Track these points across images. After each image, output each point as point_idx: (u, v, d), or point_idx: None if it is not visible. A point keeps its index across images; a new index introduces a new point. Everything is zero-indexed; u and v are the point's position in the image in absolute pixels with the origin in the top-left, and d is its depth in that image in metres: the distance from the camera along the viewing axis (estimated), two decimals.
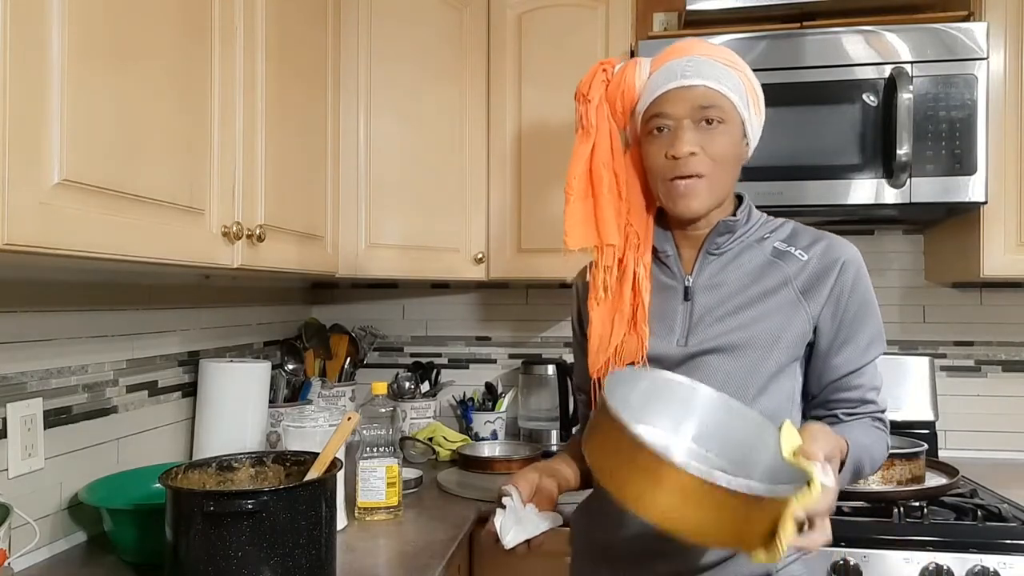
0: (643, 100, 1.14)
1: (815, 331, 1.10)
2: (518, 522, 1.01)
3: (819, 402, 1.15)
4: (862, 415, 1.12)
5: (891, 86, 1.71)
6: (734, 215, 1.14)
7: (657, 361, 1.11)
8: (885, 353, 1.14)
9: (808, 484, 0.81)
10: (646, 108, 1.13)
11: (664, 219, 1.18)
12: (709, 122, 1.08)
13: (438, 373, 2.36)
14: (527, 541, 1.02)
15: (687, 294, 1.14)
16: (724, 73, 1.09)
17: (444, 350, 2.40)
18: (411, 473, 1.83)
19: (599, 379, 1.13)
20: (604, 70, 1.18)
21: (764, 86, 1.18)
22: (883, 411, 1.14)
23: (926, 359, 2.06)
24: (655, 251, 1.17)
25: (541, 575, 1.61)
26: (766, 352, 1.08)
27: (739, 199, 1.19)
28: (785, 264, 1.11)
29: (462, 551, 1.53)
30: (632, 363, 1.11)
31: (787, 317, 1.09)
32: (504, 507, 1.04)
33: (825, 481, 0.83)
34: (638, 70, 1.15)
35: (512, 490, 1.06)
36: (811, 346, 1.12)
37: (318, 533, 1.09)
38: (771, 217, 1.19)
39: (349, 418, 1.26)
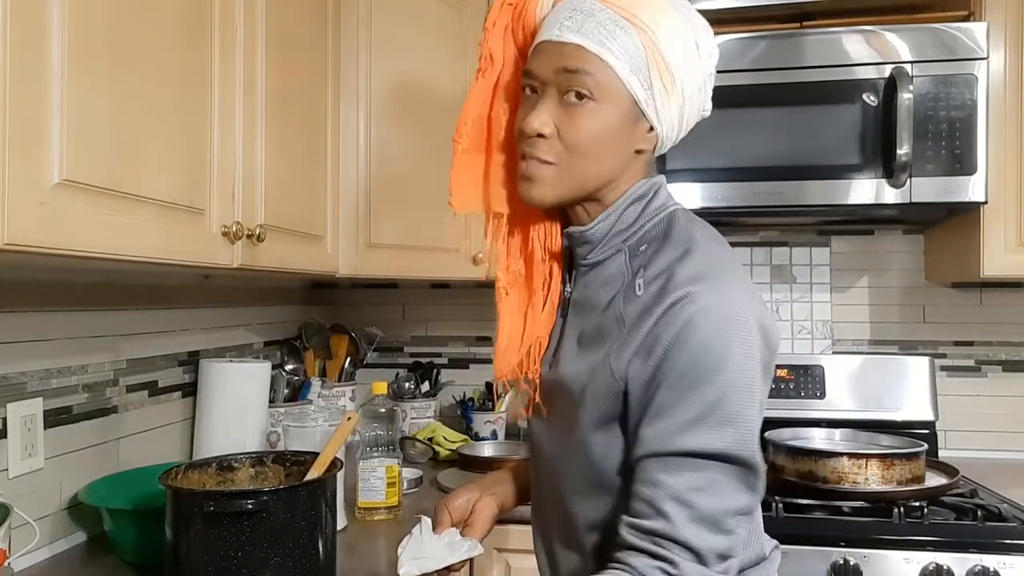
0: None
1: (627, 389, 0.81)
2: (418, 555, 0.95)
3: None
4: (642, 535, 0.76)
5: (891, 86, 1.71)
6: (591, 221, 0.89)
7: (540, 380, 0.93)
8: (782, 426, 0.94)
9: None
10: (528, 58, 0.89)
11: None
12: (579, 96, 0.83)
13: (438, 373, 2.36)
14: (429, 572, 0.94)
15: (565, 306, 0.94)
16: (616, 30, 0.81)
17: (444, 350, 2.40)
18: (411, 473, 1.83)
19: (505, 384, 0.96)
20: None
21: (764, 86, 1.16)
22: (681, 546, 0.74)
23: (926, 359, 2.06)
24: None
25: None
26: (576, 403, 0.86)
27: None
28: (625, 296, 0.85)
29: None
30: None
31: (598, 363, 0.84)
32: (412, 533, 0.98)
33: None
34: (540, 0, 0.89)
35: (423, 519, 0.98)
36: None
37: (318, 533, 1.09)
38: (673, 212, 0.89)
39: (349, 418, 1.26)
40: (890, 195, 1.74)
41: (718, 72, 0.92)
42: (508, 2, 0.92)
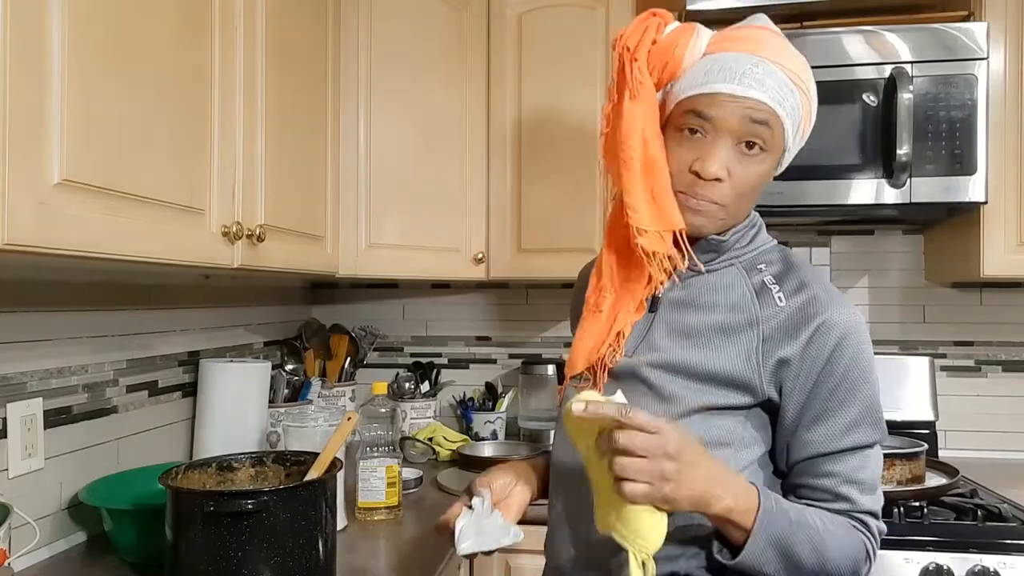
0: (686, 81, 0.97)
1: (781, 395, 0.94)
2: (480, 531, 0.94)
3: (788, 485, 0.97)
4: (835, 513, 0.93)
5: (891, 86, 1.71)
6: (722, 234, 0.99)
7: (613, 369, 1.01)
8: (881, 436, 0.96)
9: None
10: (687, 96, 0.96)
11: None
12: (750, 146, 0.93)
13: (438, 373, 2.36)
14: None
15: (654, 304, 1.02)
16: (789, 91, 0.93)
17: (444, 350, 2.40)
18: (411, 473, 1.83)
19: (569, 378, 1.05)
20: (655, 26, 0.98)
21: None
22: (868, 514, 0.93)
23: (926, 359, 2.06)
24: None
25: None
26: (691, 387, 0.94)
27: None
28: (762, 303, 0.96)
29: None
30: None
31: (732, 361, 0.94)
32: (471, 508, 0.96)
33: (615, 399, 0.81)
34: (692, 44, 0.97)
35: (485, 493, 0.98)
36: (775, 413, 0.96)
37: (318, 533, 1.09)
38: (780, 246, 1.04)
39: (349, 418, 1.26)
40: (890, 195, 1.74)
41: None
42: (651, 39, 0.97)
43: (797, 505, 0.92)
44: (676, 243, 0.96)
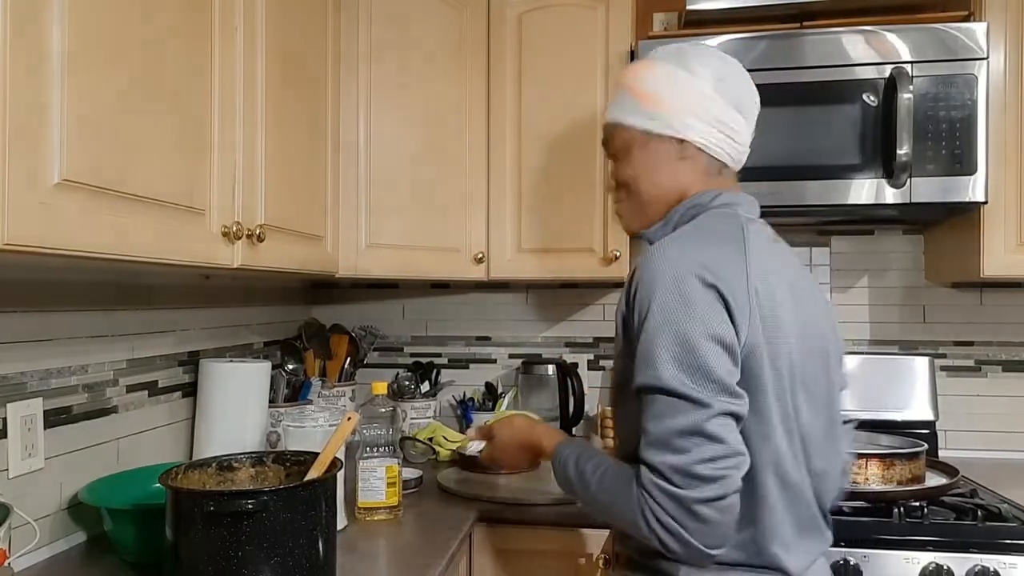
0: None
1: (623, 338, 1.05)
2: None
3: None
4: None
5: (891, 86, 1.71)
6: (648, 229, 1.17)
7: None
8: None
9: None
10: None
11: None
12: (616, 157, 1.17)
13: (438, 373, 2.36)
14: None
15: None
16: (618, 100, 1.16)
17: (444, 350, 2.40)
18: (411, 473, 1.83)
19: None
20: None
21: (764, 86, 1.18)
22: (643, 465, 0.92)
23: (926, 359, 2.06)
24: None
25: (542, 575, 1.61)
26: (617, 363, 1.08)
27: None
28: None
29: (462, 551, 1.53)
30: None
31: (618, 329, 1.06)
32: None
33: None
34: None
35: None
36: None
37: (318, 533, 1.09)
38: (708, 212, 1.10)
39: (349, 418, 1.26)
40: (890, 195, 1.74)
41: None
42: None
43: (588, 454, 1.06)
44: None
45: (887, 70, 1.73)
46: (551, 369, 2.19)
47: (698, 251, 0.97)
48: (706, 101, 1.09)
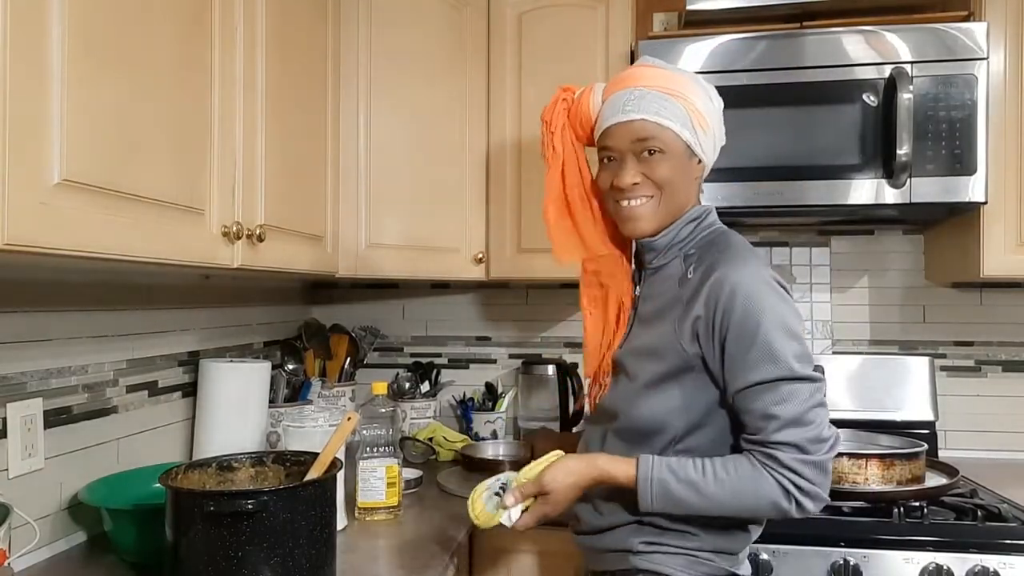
0: (597, 127, 1.23)
1: (701, 347, 1.10)
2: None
3: (738, 422, 1.11)
4: (753, 444, 1.06)
5: (891, 86, 1.71)
6: (657, 235, 1.21)
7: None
8: (805, 379, 1.04)
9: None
10: (597, 137, 1.23)
11: None
12: (651, 152, 1.16)
13: (438, 373, 2.36)
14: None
15: (635, 303, 1.25)
16: (664, 104, 1.16)
17: (444, 350, 2.40)
18: (411, 473, 1.83)
19: (591, 377, 1.28)
20: (564, 98, 1.29)
21: (764, 86, 1.19)
22: (780, 445, 1.03)
23: (926, 359, 2.06)
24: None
25: (542, 574, 1.62)
26: (643, 362, 1.15)
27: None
28: (681, 282, 1.17)
29: (462, 551, 1.53)
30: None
31: (661, 334, 1.14)
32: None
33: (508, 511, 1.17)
34: (592, 97, 1.24)
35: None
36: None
37: (318, 533, 1.09)
38: (720, 229, 1.22)
39: (349, 418, 1.26)
40: (890, 195, 1.74)
41: (719, 72, 1.21)
42: (564, 105, 1.28)
43: (689, 465, 1.07)
44: (638, 252, 1.26)
45: (887, 70, 1.73)
46: (551, 369, 2.19)
47: (760, 262, 1.12)
48: (720, 132, 1.23)
